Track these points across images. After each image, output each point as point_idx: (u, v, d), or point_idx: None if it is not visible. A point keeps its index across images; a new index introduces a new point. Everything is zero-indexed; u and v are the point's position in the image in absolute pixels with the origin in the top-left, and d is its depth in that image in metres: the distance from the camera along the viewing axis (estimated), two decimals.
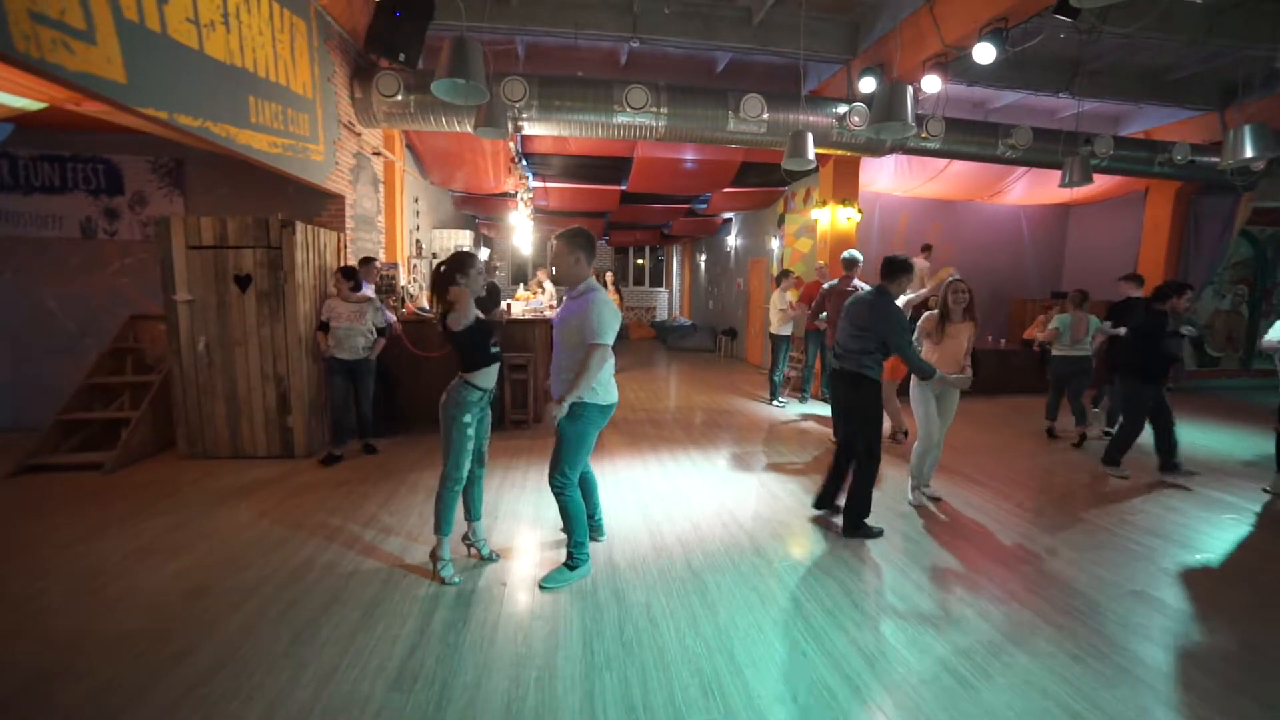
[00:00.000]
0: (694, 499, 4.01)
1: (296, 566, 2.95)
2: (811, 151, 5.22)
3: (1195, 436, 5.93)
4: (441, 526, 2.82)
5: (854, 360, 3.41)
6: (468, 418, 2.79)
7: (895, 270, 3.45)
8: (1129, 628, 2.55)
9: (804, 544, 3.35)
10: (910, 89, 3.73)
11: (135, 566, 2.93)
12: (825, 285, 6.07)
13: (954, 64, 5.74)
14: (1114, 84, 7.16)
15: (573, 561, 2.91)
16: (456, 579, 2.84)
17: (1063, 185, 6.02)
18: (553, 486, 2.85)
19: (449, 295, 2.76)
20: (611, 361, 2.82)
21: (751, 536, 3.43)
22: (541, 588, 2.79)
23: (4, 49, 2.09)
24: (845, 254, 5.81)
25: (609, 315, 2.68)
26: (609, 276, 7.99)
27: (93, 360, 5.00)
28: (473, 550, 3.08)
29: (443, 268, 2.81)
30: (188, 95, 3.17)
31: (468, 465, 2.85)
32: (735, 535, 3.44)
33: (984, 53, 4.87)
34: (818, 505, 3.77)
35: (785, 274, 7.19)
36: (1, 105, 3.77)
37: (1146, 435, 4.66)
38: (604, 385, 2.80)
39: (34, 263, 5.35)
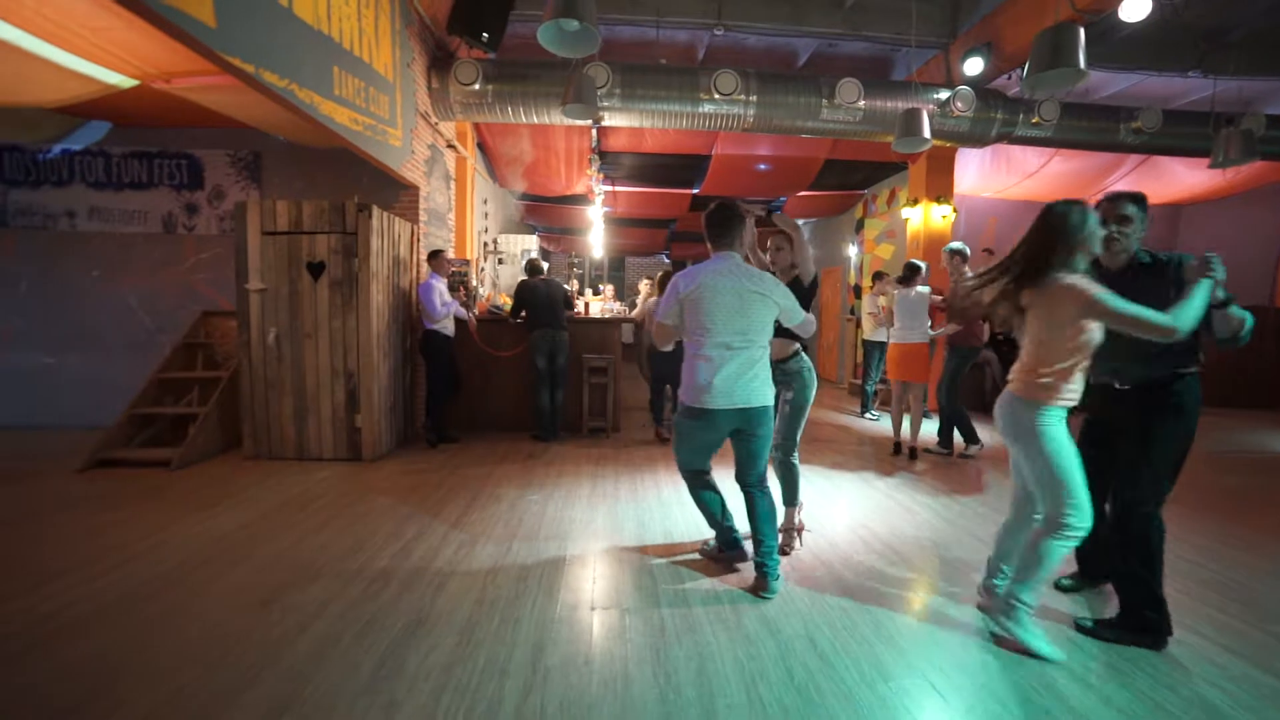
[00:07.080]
0: (818, 514, 3.41)
1: (372, 579, 2.52)
2: (927, 129, 4.72)
3: None
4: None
5: (1161, 364, 2.11)
6: None
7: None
8: None
9: (977, 567, 2.71)
10: (1082, 30, 3.17)
11: (194, 573, 2.56)
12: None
13: None
14: (1257, 60, 6.33)
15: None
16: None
17: (1213, 166, 5.32)
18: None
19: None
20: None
21: (903, 556, 2.82)
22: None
23: None
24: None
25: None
26: (650, 281, 7.26)
27: (165, 355, 4.84)
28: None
29: None
30: (275, 52, 2.92)
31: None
32: (883, 554, 2.84)
33: (1134, 9, 4.25)
34: (1084, 575, 2.53)
35: (879, 275, 6.59)
36: (96, 80, 3.67)
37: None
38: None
39: (119, 260, 5.32)
